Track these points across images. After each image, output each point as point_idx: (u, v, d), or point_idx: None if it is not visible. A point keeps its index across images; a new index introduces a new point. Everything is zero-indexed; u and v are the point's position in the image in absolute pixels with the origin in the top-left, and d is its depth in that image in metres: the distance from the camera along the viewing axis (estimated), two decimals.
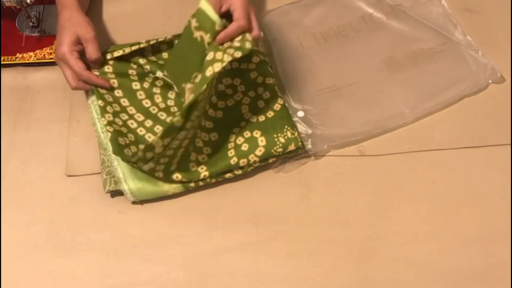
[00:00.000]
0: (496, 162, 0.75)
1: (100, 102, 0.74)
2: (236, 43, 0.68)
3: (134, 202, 0.72)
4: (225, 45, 0.69)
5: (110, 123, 0.72)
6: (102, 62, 0.77)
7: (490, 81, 0.81)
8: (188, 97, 0.69)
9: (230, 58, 0.66)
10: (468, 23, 0.87)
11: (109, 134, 0.71)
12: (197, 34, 0.70)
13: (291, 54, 0.84)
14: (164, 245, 0.70)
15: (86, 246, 0.70)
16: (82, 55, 0.75)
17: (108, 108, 0.74)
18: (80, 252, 0.70)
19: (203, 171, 0.71)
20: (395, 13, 0.88)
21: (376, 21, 0.88)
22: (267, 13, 0.88)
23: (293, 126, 0.74)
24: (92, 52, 0.74)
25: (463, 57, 0.83)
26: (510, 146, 0.76)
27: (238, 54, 0.67)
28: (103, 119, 0.73)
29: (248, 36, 0.69)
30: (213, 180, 0.73)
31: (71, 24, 0.74)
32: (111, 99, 0.76)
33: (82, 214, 0.72)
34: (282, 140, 0.73)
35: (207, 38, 0.70)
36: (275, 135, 0.73)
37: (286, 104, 0.77)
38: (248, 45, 0.68)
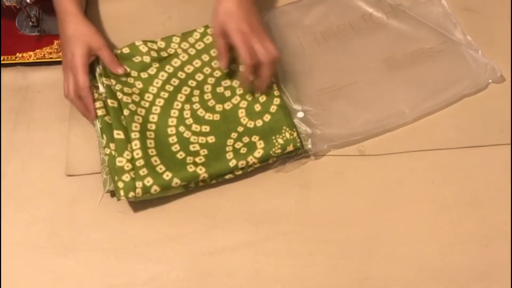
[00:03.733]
0: (496, 162, 0.75)
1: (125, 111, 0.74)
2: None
3: (133, 202, 0.72)
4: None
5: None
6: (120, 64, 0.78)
7: (490, 81, 0.81)
8: None
9: None
10: (468, 23, 0.86)
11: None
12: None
13: (291, 54, 0.84)
14: (164, 245, 0.70)
15: (86, 245, 0.70)
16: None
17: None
18: (80, 251, 0.70)
19: (202, 173, 0.71)
20: (395, 13, 0.88)
21: (376, 20, 0.88)
22: (267, 13, 0.88)
23: (292, 126, 0.74)
24: (107, 56, 0.76)
25: (463, 57, 0.83)
26: (510, 146, 0.76)
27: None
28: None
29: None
30: (213, 181, 0.73)
31: (80, 34, 0.75)
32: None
33: (82, 214, 0.72)
34: (280, 141, 0.73)
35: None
36: (273, 137, 0.73)
37: (285, 104, 0.77)
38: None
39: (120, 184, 0.69)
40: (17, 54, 0.84)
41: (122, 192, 0.69)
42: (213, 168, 0.72)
